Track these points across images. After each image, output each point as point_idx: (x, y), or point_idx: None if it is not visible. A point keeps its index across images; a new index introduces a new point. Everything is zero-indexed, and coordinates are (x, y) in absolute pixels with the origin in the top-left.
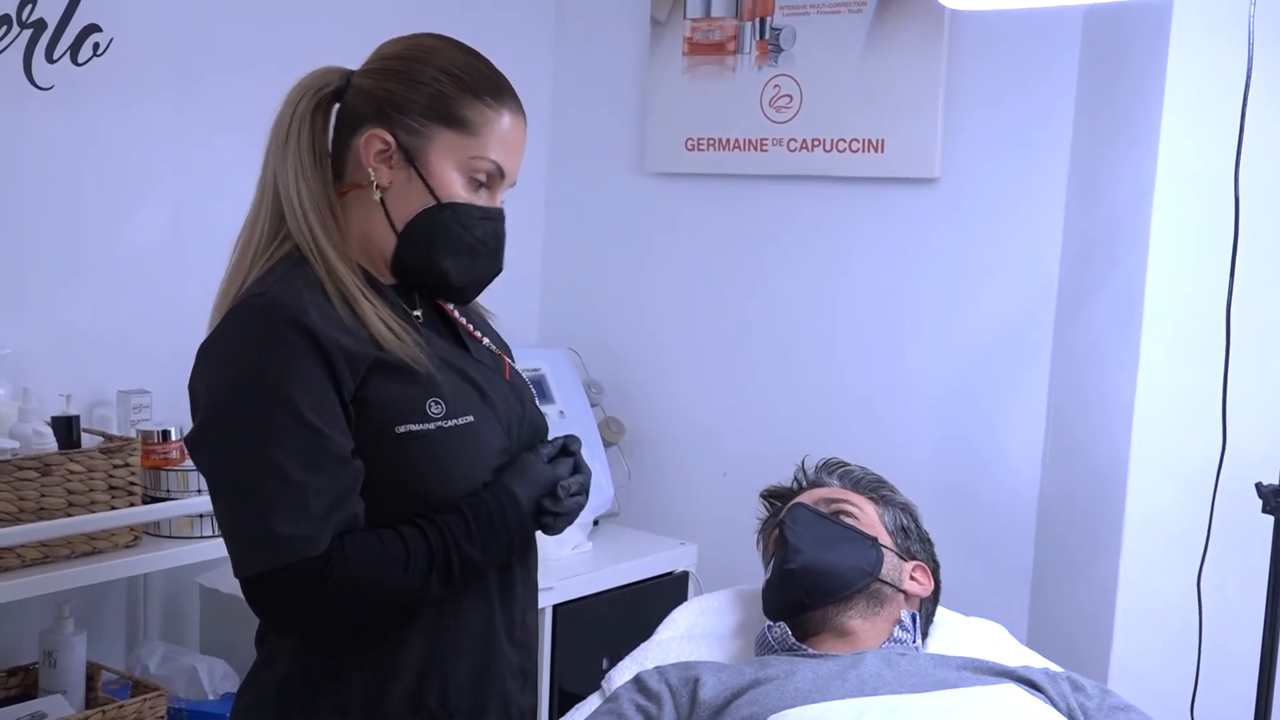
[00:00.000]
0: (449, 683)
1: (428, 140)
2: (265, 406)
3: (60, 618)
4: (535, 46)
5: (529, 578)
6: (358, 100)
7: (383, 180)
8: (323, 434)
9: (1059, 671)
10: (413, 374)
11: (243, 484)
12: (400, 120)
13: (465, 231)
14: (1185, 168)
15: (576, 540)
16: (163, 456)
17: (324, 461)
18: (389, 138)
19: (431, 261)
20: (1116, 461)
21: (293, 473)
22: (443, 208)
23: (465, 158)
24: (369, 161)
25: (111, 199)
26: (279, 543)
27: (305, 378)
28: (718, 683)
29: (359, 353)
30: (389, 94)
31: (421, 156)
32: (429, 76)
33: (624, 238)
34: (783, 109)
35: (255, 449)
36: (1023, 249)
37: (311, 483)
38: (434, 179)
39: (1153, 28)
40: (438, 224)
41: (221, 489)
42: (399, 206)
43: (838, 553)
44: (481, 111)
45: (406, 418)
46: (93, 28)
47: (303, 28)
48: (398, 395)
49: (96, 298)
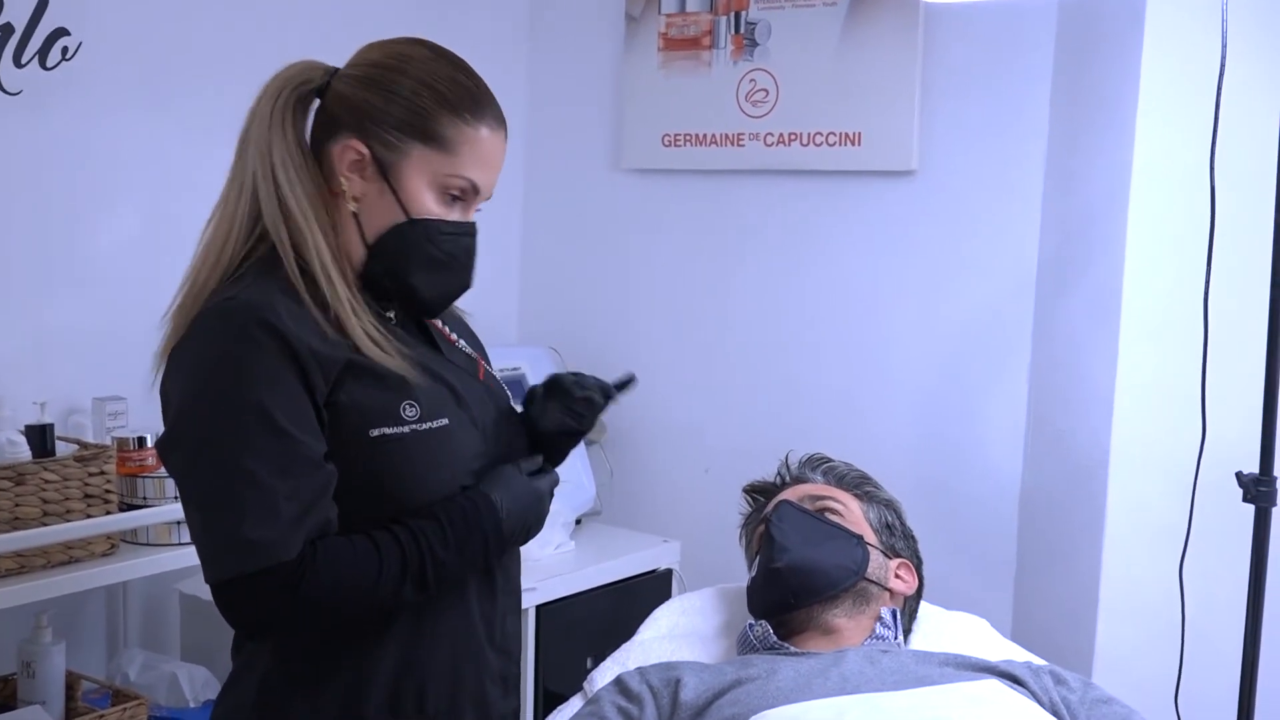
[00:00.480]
0: (426, 688)
1: (402, 155)
2: (236, 411)
3: (38, 627)
4: (510, 44)
5: (510, 582)
6: (336, 105)
7: (356, 191)
8: (294, 438)
9: (1041, 665)
10: (387, 377)
11: (213, 489)
12: (376, 132)
13: (435, 248)
14: (1161, 157)
15: (559, 539)
16: (139, 463)
17: (295, 466)
18: (364, 149)
19: (400, 276)
20: (1097, 453)
21: (263, 477)
22: (414, 224)
23: (440, 174)
24: (343, 171)
25: (83, 204)
26: (249, 548)
27: (276, 382)
28: (699, 683)
29: (332, 356)
30: (366, 104)
31: (395, 171)
32: (407, 89)
33: (602, 235)
34: (759, 103)
35: (225, 454)
36: (1001, 241)
37: (282, 487)
38: (406, 194)
39: (1127, 17)
40: (408, 240)
41: (192, 494)
42: (370, 219)
43: (824, 551)
44: (459, 129)
45: (381, 421)
46: (61, 31)
47: (274, 30)
48: (372, 398)
49: (69, 304)
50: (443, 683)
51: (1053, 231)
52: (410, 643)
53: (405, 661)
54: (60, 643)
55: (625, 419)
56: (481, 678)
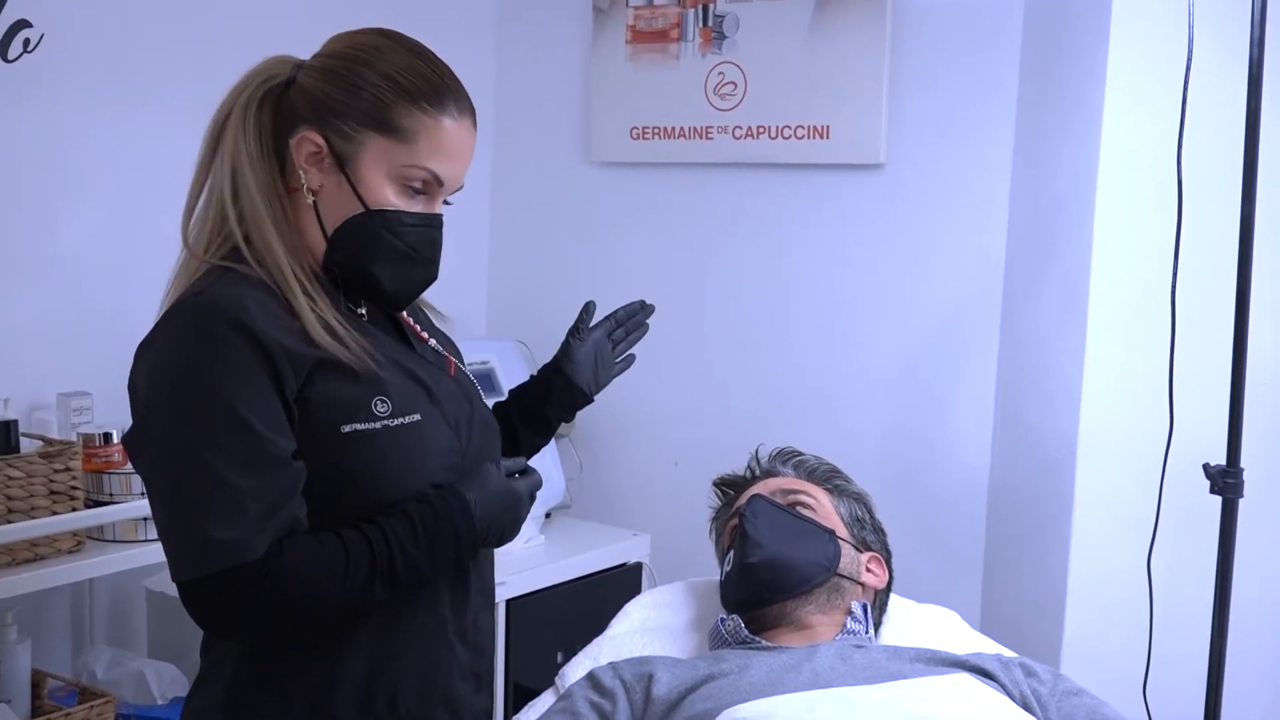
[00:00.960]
0: (398, 686)
1: (359, 146)
2: (202, 409)
3: (3, 625)
4: (476, 37)
5: (482, 580)
6: (298, 98)
7: (313, 184)
8: (261, 436)
9: (1011, 658)
10: (358, 372)
11: (179, 487)
12: (333, 124)
13: (396, 239)
14: (1128, 149)
15: (529, 534)
16: (105, 460)
17: (262, 464)
18: (320, 140)
19: (361, 268)
20: (1065, 445)
21: (229, 476)
22: (370, 215)
23: (397, 165)
24: (300, 163)
25: (48, 198)
26: (215, 547)
27: (244, 379)
28: (672, 678)
29: (302, 352)
30: (326, 96)
31: (351, 162)
32: (368, 81)
33: (570, 228)
34: (727, 96)
35: (191, 452)
36: (969, 233)
37: (249, 486)
38: (362, 185)
39: (1094, 10)
40: (365, 231)
41: (158, 492)
42: (329, 211)
43: (797, 547)
44: (417, 119)
45: (352, 417)
46: (23, 23)
47: (239, 22)
48: (342, 394)
49: (33, 298)
50: (414, 680)
51: (1020, 224)
52: (381, 640)
53: (376, 659)
54: (26, 640)
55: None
56: (453, 675)
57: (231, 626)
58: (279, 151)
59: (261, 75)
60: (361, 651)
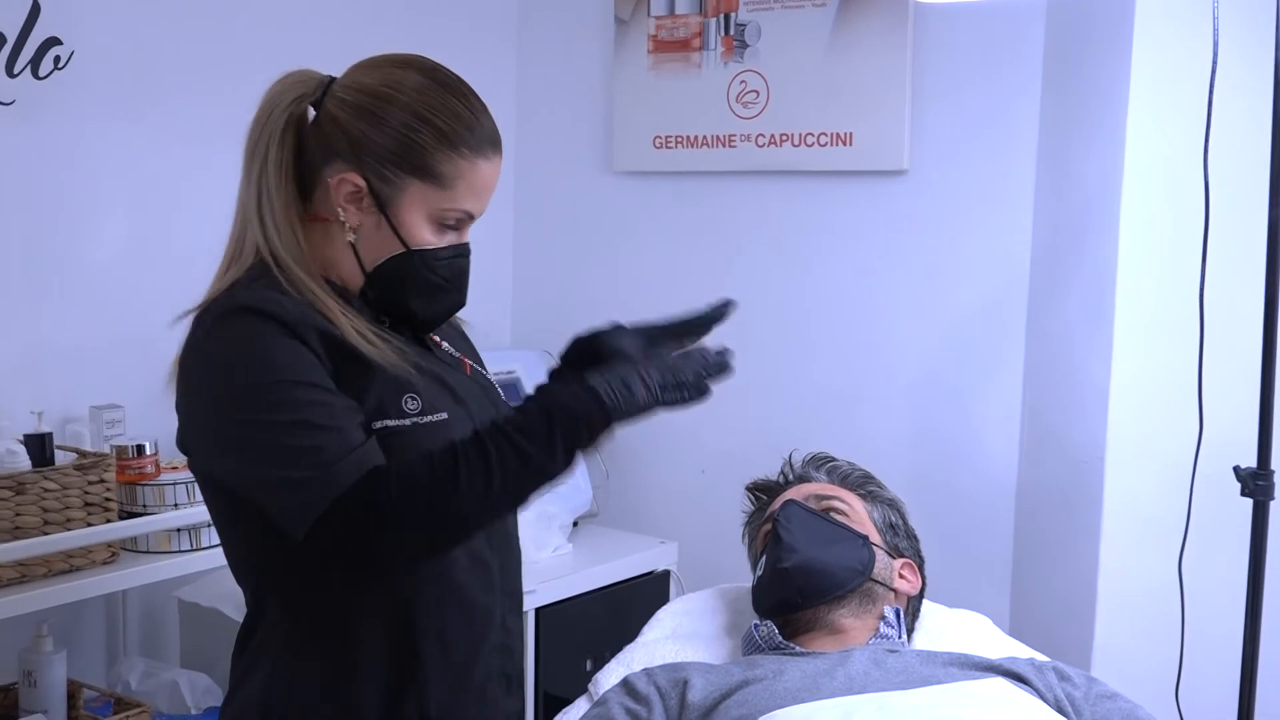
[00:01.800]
0: (430, 690)
1: (399, 190)
2: (266, 386)
3: (39, 636)
4: (498, 48)
5: (509, 581)
6: (331, 129)
7: (353, 221)
8: (328, 391)
9: (1045, 661)
10: (387, 371)
11: (260, 456)
12: (371, 165)
13: (432, 274)
14: (1153, 153)
15: (556, 542)
16: (138, 471)
17: (337, 413)
18: (361, 182)
19: (399, 302)
20: (1093, 449)
21: (300, 429)
22: (410, 255)
23: (437, 208)
24: (339, 202)
25: (77, 212)
26: (308, 490)
27: (290, 351)
28: (706, 684)
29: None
30: (361, 135)
31: (393, 205)
32: (400, 122)
33: (594, 237)
34: (749, 104)
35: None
36: (993, 239)
37: (323, 432)
38: (404, 229)
39: (1117, 14)
40: (406, 269)
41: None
42: (368, 248)
43: (831, 552)
44: (456, 164)
45: (383, 414)
46: (53, 40)
47: (265, 39)
48: (372, 392)
49: (64, 312)
50: (444, 683)
51: (1045, 229)
52: (411, 643)
53: (406, 662)
54: (61, 651)
55: None
56: (483, 678)
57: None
58: (302, 174)
59: (290, 94)
60: (391, 654)
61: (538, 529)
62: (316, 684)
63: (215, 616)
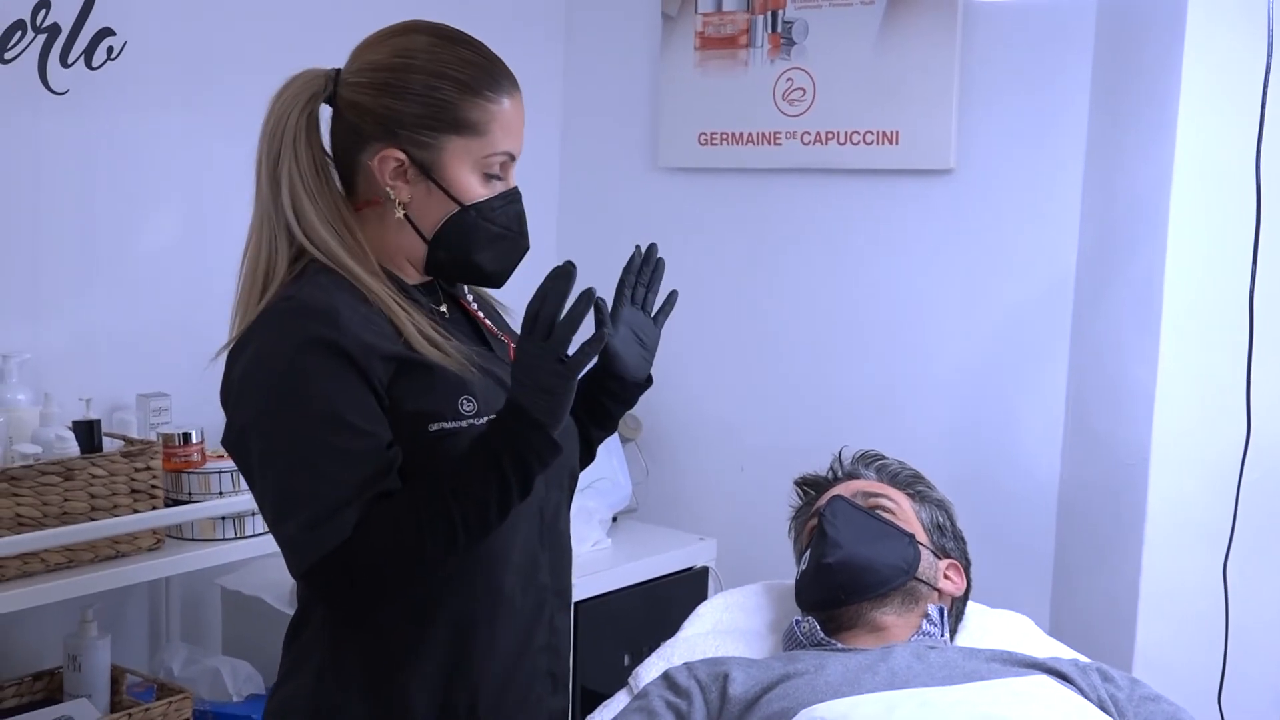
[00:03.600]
0: (478, 688)
1: (439, 151)
2: (300, 412)
3: (84, 621)
4: (546, 44)
5: (559, 581)
6: (356, 116)
7: (403, 196)
8: (359, 430)
9: (1088, 662)
10: (444, 372)
11: (286, 489)
12: (407, 135)
13: (491, 225)
14: (1203, 155)
15: (596, 537)
16: (184, 459)
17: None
18: (401, 155)
19: (465, 259)
20: (1138, 451)
21: (331, 472)
22: (466, 211)
23: (479, 158)
24: (386, 180)
25: (127, 202)
26: (319, 535)
27: (337, 379)
28: (747, 678)
29: (389, 352)
30: (388, 110)
31: (437, 168)
32: (422, 85)
33: (638, 233)
34: (796, 102)
35: (294, 457)
36: (1040, 239)
37: (349, 477)
38: (454, 187)
39: (1168, 14)
40: (466, 226)
41: (266, 495)
42: (423, 216)
43: (876, 549)
44: (484, 109)
45: (439, 416)
46: (106, 31)
47: (316, 27)
48: (430, 394)
49: (113, 301)
50: (493, 682)
51: (1092, 229)
52: (462, 643)
53: (457, 662)
54: (106, 636)
55: (662, 416)
56: (532, 676)
57: (352, 603)
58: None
59: (304, 94)
60: (443, 652)
61: (578, 523)
62: (365, 680)
63: (258, 604)
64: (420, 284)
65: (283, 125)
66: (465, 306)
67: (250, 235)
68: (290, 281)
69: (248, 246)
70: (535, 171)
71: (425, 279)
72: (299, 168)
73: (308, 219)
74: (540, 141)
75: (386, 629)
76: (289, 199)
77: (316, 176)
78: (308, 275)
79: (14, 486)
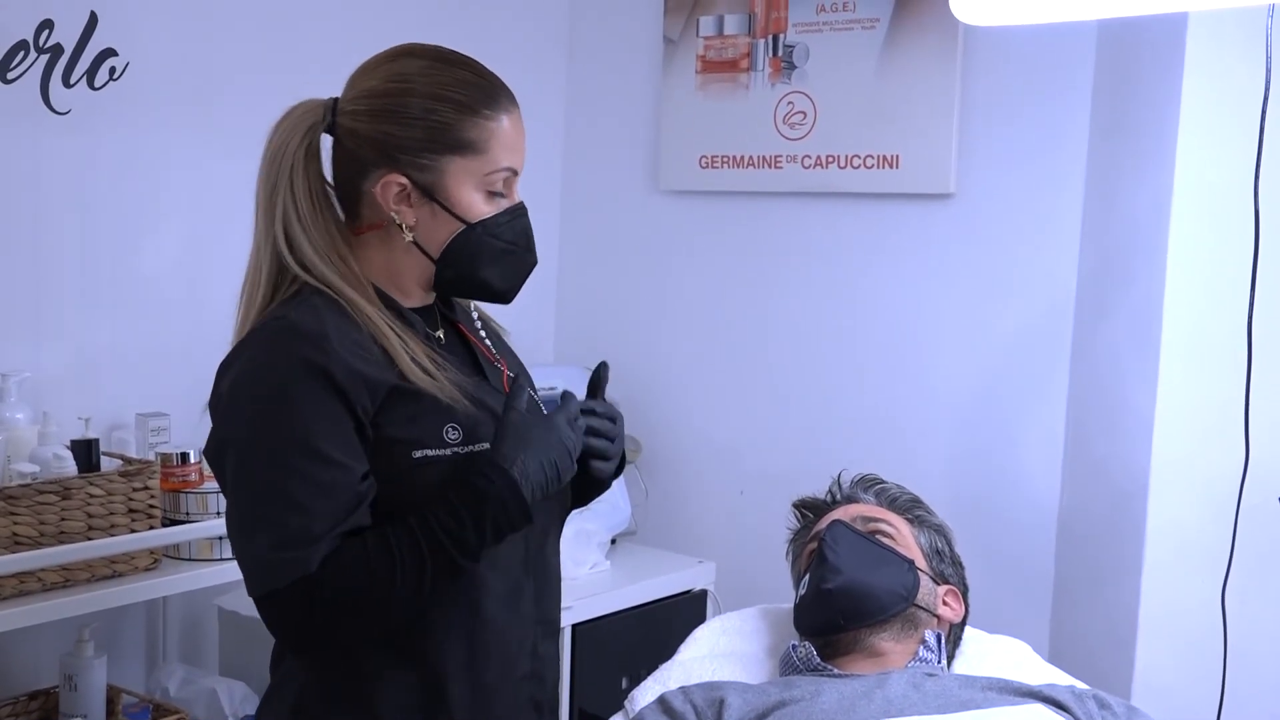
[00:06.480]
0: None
1: (440, 173)
2: (278, 438)
3: (80, 641)
4: (548, 66)
5: (544, 609)
6: (355, 144)
7: (408, 220)
8: (334, 463)
9: (1085, 689)
10: (432, 400)
11: (254, 511)
12: (408, 160)
13: (497, 240)
14: (1203, 179)
15: (594, 559)
16: (182, 479)
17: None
18: (403, 180)
19: (473, 276)
20: (1137, 475)
21: (302, 500)
22: (471, 229)
23: (481, 176)
24: (390, 206)
25: (128, 223)
26: (281, 564)
27: (319, 408)
28: (743, 703)
29: (377, 379)
30: (387, 136)
31: (440, 189)
32: (420, 109)
33: (638, 255)
34: (796, 126)
35: (266, 481)
36: (1039, 263)
37: (319, 508)
38: (458, 207)
39: (1167, 39)
40: (472, 243)
41: (234, 514)
42: (429, 238)
43: (876, 575)
44: (483, 127)
45: (424, 444)
46: (109, 52)
47: (319, 49)
48: (415, 421)
49: (113, 321)
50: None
51: (1092, 254)
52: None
53: (432, 689)
54: (102, 656)
55: (662, 439)
56: (514, 703)
57: (303, 637)
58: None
59: (303, 124)
60: (420, 680)
61: (576, 545)
62: (343, 708)
63: (254, 625)
64: (418, 308)
65: (280, 156)
66: (463, 331)
67: (250, 261)
68: (284, 302)
69: (247, 271)
70: (537, 194)
71: (422, 303)
72: (294, 197)
73: (300, 248)
74: (542, 164)
75: (364, 657)
76: (281, 228)
77: (312, 206)
78: (302, 296)
79: (11, 505)
